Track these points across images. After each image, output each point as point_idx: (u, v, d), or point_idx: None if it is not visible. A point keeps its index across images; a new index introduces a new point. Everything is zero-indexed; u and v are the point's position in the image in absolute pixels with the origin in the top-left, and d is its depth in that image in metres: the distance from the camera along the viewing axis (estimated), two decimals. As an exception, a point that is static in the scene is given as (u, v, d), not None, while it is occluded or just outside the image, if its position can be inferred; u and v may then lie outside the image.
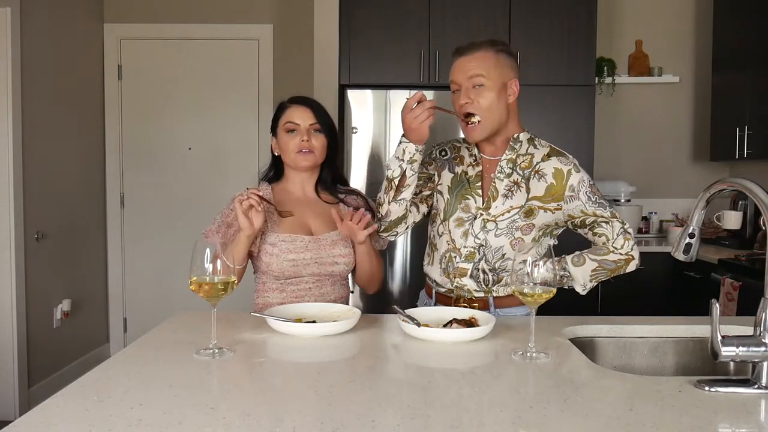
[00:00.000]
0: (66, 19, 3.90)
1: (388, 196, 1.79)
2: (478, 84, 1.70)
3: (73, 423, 1.01)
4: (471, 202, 1.80)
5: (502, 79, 1.72)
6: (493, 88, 1.70)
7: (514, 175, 1.77)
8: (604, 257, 1.74)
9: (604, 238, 1.74)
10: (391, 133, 3.56)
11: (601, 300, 3.58)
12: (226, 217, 1.86)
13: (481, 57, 1.71)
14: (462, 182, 1.82)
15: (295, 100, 1.90)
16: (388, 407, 1.08)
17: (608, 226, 1.74)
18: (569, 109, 3.62)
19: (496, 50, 1.72)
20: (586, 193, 1.74)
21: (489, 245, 1.77)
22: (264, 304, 1.84)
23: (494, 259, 1.78)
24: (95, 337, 4.31)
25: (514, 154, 1.79)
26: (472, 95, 1.70)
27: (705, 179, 4.10)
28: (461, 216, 1.80)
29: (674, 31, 4.21)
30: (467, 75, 1.70)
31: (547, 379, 1.24)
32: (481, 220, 1.78)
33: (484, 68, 1.69)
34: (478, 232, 1.78)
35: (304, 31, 4.16)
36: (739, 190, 1.28)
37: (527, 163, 1.78)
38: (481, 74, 1.69)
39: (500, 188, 1.77)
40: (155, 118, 4.41)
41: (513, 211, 1.76)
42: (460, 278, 1.81)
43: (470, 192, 1.80)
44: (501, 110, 1.74)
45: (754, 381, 1.18)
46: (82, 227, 4.11)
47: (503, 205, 1.76)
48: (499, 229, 1.76)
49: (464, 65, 1.72)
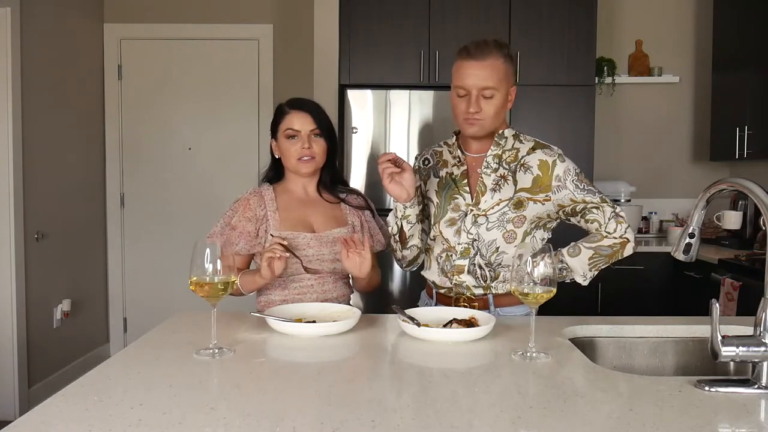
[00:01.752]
0: (66, 19, 3.90)
1: (398, 246, 1.89)
2: (488, 96, 1.73)
3: (73, 423, 1.01)
4: (460, 201, 1.83)
5: (507, 88, 1.76)
6: (500, 98, 1.74)
7: (501, 170, 1.81)
8: (598, 243, 1.74)
9: (596, 224, 1.76)
10: (390, 133, 3.56)
11: (601, 300, 3.58)
12: (230, 219, 1.86)
13: (492, 66, 1.72)
14: (448, 183, 1.86)
15: (295, 105, 1.88)
16: (388, 407, 1.08)
17: (599, 212, 1.76)
18: (569, 109, 3.62)
19: (504, 57, 1.74)
20: (573, 182, 1.76)
21: (482, 239, 1.80)
22: (266, 302, 1.85)
23: (489, 253, 1.80)
24: (95, 337, 4.31)
25: (499, 149, 1.82)
26: (482, 104, 1.73)
27: (705, 179, 4.10)
28: (452, 216, 1.83)
29: (674, 31, 4.21)
30: (479, 86, 1.72)
31: (547, 379, 1.24)
32: (472, 216, 1.80)
33: (495, 80, 1.72)
34: (469, 227, 1.80)
35: (304, 31, 4.16)
36: (739, 190, 1.28)
37: (513, 157, 1.81)
38: (492, 87, 1.72)
39: (488, 183, 1.80)
40: (155, 118, 4.41)
41: (502, 204, 1.78)
42: (458, 275, 1.82)
43: (458, 191, 1.84)
44: (502, 115, 1.80)
45: (754, 381, 1.18)
46: (82, 227, 4.11)
47: (492, 198, 1.79)
48: (490, 223, 1.79)
49: (476, 73, 1.72)
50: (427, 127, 3.55)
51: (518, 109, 3.59)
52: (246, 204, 1.87)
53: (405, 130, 3.56)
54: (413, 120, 3.57)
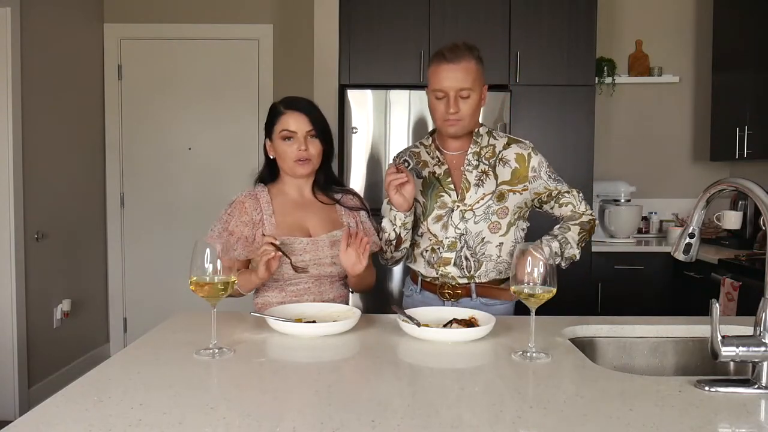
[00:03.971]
0: (66, 19, 3.90)
1: (390, 248, 1.95)
2: (465, 96, 1.84)
3: (73, 423, 1.01)
4: (446, 198, 1.93)
5: (480, 88, 1.88)
6: (475, 97, 1.86)
7: (482, 166, 1.93)
8: (580, 220, 1.92)
9: (570, 206, 1.94)
10: (390, 133, 3.56)
11: (601, 300, 3.58)
12: (227, 223, 1.84)
13: (467, 68, 1.83)
14: (432, 183, 1.95)
15: (290, 105, 1.86)
16: (388, 407, 1.08)
17: (570, 196, 1.95)
18: (569, 109, 3.62)
19: (476, 59, 1.86)
20: (546, 172, 1.95)
21: (469, 232, 1.91)
22: (264, 304, 1.84)
23: (475, 244, 1.92)
24: (95, 337, 4.31)
25: (477, 147, 1.95)
26: (460, 104, 1.84)
27: (705, 179, 4.10)
28: (439, 213, 1.93)
29: (674, 31, 4.21)
30: (456, 87, 1.83)
31: (547, 379, 1.24)
32: (459, 212, 1.91)
33: (470, 81, 1.83)
34: (457, 223, 1.91)
35: (304, 31, 4.16)
36: (739, 190, 1.28)
37: (491, 153, 1.95)
38: (468, 87, 1.83)
39: (471, 179, 1.92)
40: (155, 118, 4.41)
41: (486, 198, 1.91)
42: (444, 267, 1.93)
43: (443, 189, 1.93)
44: (478, 113, 1.92)
45: (754, 381, 1.18)
46: (82, 227, 4.11)
47: (476, 194, 1.91)
48: (477, 216, 1.91)
49: (452, 75, 1.83)
50: (426, 127, 3.54)
51: (518, 109, 3.59)
52: (242, 207, 1.86)
53: (405, 130, 3.56)
54: (413, 120, 3.57)
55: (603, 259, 3.60)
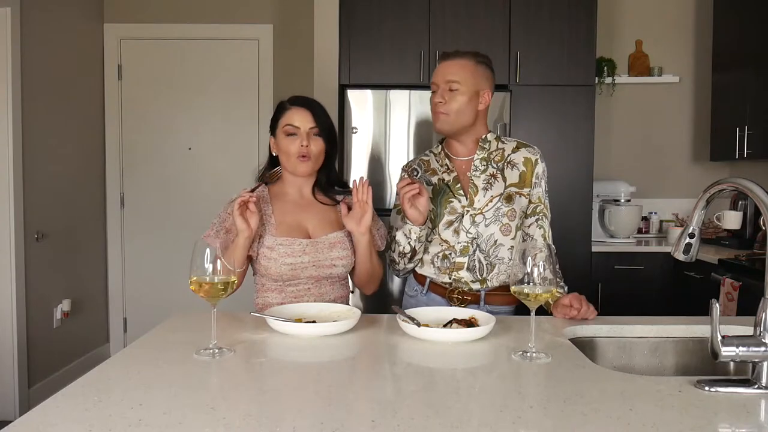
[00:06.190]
0: (66, 19, 3.90)
1: (404, 260, 1.93)
2: (453, 88, 1.86)
3: (73, 423, 1.01)
4: (456, 204, 1.92)
5: (475, 88, 1.88)
6: (465, 93, 1.86)
7: (490, 169, 1.93)
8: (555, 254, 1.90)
9: (542, 231, 1.93)
10: (391, 133, 3.56)
11: (601, 300, 3.58)
12: (224, 221, 1.84)
13: (461, 65, 1.87)
14: (442, 189, 1.95)
15: (296, 101, 1.87)
16: (388, 407, 1.08)
17: (546, 222, 1.94)
18: (569, 109, 3.62)
19: (476, 61, 1.89)
20: (545, 184, 1.96)
21: (481, 236, 1.91)
22: (264, 304, 1.84)
23: (488, 247, 1.91)
24: (95, 337, 4.31)
25: (485, 152, 1.95)
26: (447, 97, 1.86)
27: (705, 179, 4.10)
28: (449, 218, 1.93)
29: (674, 31, 4.21)
30: (445, 78, 1.86)
31: (547, 379, 1.24)
32: (470, 216, 1.91)
33: (460, 75, 1.85)
34: (468, 227, 1.91)
35: (304, 31, 4.16)
36: (739, 190, 1.28)
37: (500, 157, 1.95)
38: (456, 80, 1.85)
39: (479, 183, 1.92)
40: (155, 118, 4.41)
41: (495, 200, 1.91)
42: (457, 272, 1.92)
43: (453, 195, 1.93)
44: (468, 114, 1.89)
45: (754, 381, 1.18)
46: (82, 227, 4.11)
47: (485, 197, 1.91)
48: (487, 219, 1.91)
49: (445, 69, 1.88)
50: (427, 127, 3.54)
51: (518, 109, 3.59)
52: None
53: (405, 130, 3.56)
54: (413, 120, 3.56)
55: (603, 259, 3.60)
